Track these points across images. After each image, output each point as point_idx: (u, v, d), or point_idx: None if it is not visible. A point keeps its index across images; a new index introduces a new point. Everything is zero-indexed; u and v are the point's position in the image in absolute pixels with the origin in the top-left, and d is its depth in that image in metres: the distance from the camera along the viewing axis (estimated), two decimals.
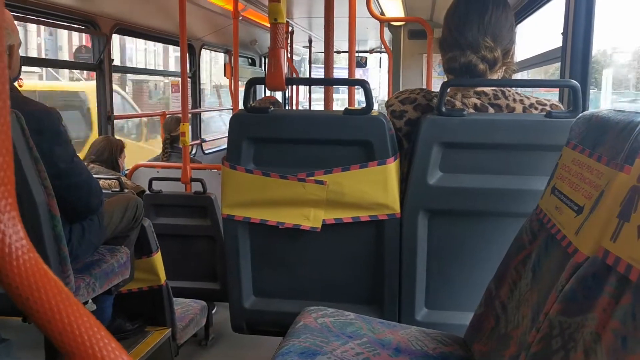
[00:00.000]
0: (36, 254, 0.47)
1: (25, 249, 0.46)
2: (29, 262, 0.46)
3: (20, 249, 0.46)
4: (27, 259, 0.46)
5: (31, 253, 0.47)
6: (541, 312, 0.96)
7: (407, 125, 1.71)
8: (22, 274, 0.46)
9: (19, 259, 0.46)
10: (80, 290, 1.95)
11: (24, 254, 0.46)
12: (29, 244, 0.47)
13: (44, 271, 0.47)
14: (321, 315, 1.45)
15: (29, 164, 1.65)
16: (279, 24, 1.67)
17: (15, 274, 0.45)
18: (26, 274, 0.46)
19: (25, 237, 0.47)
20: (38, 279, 0.46)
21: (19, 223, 0.47)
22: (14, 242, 0.46)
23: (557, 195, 1.13)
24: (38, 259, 0.47)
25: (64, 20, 3.87)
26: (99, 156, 3.64)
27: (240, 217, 1.70)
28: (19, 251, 0.46)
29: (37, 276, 0.46)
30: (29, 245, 0.47)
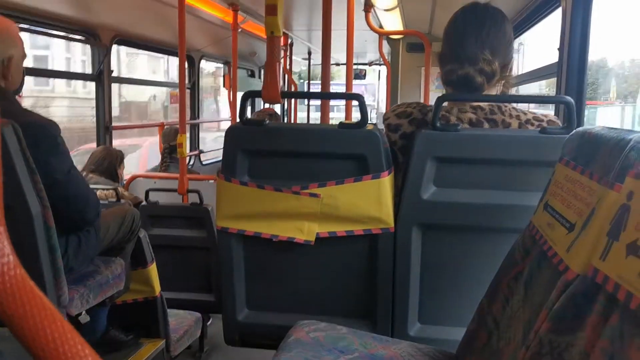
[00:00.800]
0: (22, 270, 0.47)
1: (12, 264, 0.46)
2: (15, 279, 0.46)
3: (6, 264, 0.46)
4: (12, 275, 0.46)
5: (17, 269, 0.47)
6: (532, 330, 0.96)
7: (402, 139, 1.72)
8: (7, 290, 0.46)
9: (5, 275, 0.46)
10: (74, 302, 1.95)
11: (9, 269, 0.46)
12: (15, 260, 0.47)
13: (30, 288, 0.47)
14: (313, 330, 1.45)
15: (25, 174, 1.65)
16: (276, 37, 1.69)
17: (0, 290, 0.45)
18: (12, 290, 0.46)
19: (12, 253, 0.47)
20: (23, 295, 0.46)
21: (6, 239, 0.47)
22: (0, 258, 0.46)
23: (549, 211, 1.14)
24: (24, 275, 0.47)
25: (64, 31, 3.89)
26: (98, 166, 3.65)
27: (234, 229, 1.70)
28: (4, 267, 0.46)
29: (22, 293, 0.46)
30: (15, 262, 0.47)
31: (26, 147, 1.66)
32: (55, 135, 1.87)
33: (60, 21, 3.71)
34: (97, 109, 4.24)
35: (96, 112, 4.26)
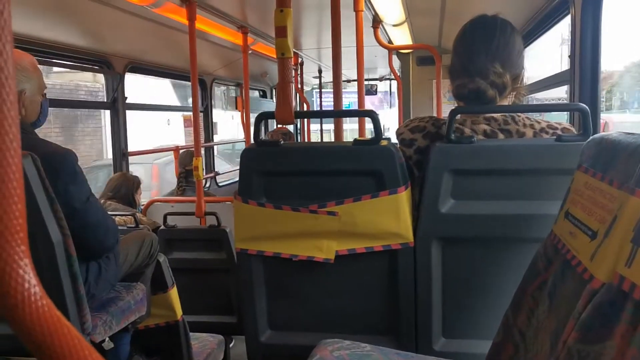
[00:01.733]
0: (49, 300, 0.47)
1: (38, 295, 0.47)
2: (42, 309, 0.47)
3: (33, 295, 0.46)
4: (39, 305, 0.47)
5: (44, 300, 0.47)
6: (559, 340, 0.95)
7: (417, 154, 1.71)
8: (34, 321, 0.46)
9: (32, 305, 0.46)
10: (98, 329, 1.95)
11: (37, 300, 0.46)
12: (41, 290, 0.47)
13: (57, 317, 0.47)
14: (337, 348, 1.44)
15: (45, 204, 1.67)
16: (287, 58, 1.70)
17: (28, 321, 0.46)
18: (39, 320, 0.46)
19: (38, 284, 0.47)
20: (51, 325, 0.47)
21: (32, 270, 0.47)
22: (26, 290, 0.46)
23: (570, 220, 1.12)
24: (51, 306, 0.47)
25: (78, 61, 3.96)
26: (115, 193, 3.68)
27: (253, 250, 1.70)
28: (32, 298, 0.46)
29: (49, 323, 0.47)
30: (41, 292, 0.47)
31: (45, 177, 1.68)
32: (74, 164, 1.90)
33: (75, 52, 3.77)
34: (113, 136, 4.30)
35: (112, 139, 4.31)
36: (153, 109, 6.60)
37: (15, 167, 0.46)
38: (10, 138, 0.46)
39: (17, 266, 0.46)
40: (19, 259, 0.47)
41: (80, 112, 8.58)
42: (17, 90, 2.01)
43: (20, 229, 0.47)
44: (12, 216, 0.46)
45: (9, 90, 0.46)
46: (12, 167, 0.46)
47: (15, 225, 0.47)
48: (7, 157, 0.46)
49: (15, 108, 0.47)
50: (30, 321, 0.46)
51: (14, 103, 0.47)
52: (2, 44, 0.45)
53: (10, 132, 0.46)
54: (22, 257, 0.47)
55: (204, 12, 3.60)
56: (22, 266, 0.47)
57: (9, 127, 0.46)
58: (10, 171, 0.46)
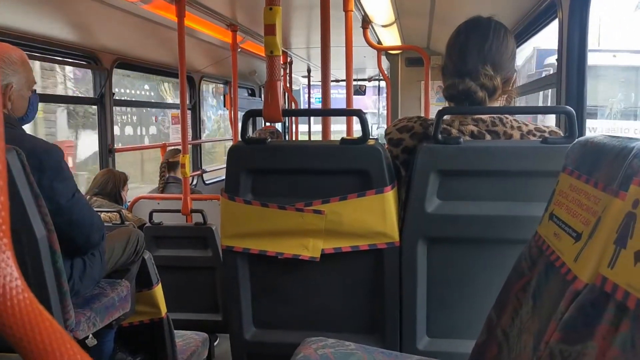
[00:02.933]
0: (31, 294, 0.47)
1: (20, 289, 0.46)
2: (24, 302, 0.46)
3: (14, 289, 0.46)
4: (21, 299, 0.46)
5: (26, 293, 0.47)
6: (542, 341, 0.96)
7: (404, 154, 1.72)
8: (16, 315, 0.46)
9: (13, 299, 0.46)
10: (81, 325, 1.94)
11: (18, 294, 0.46)
12: (23, 284, 0.47)
13: (39, 311, 0.47)
14: (321, 346, 1.44)
15: (29, 199, 1.65)
16: (275, 56, 1.70)
17: (9, 314, 0.45)
18: (20, 314, 0.46)
19: (20, 277, 0.47)
20: (32, 319, 0.46)
21: (14, 263, 0.47)
22: (8, 283, 0.46)
23: (555, 221, 1.13)
24: (33, 299, 0.47)
25: (66, 56, 3.92)
26: (102, 189, 3.66)
27: (239, 248, 1.70)
28: (13, 291, 0.46)
29: (31, 316, 0.46)
30: (23, 286, 0.47)
31: (30, 172, 1.66)
32: (59, 160, 1.88)
33: (62, 47, 3.74)
34: (100, 132, 4.27)
35: (98, 134, 4.28)
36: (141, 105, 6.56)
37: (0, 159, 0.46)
38: None
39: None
40: (1, 252, 0.46)
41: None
42: (2, 84, 1.98)
43: (2, 221, 0.47)
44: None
45: None
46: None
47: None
48: None
49: None
50: (12, 314, 0.46)
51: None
52: None
53: None
54: (4, 250, 0.47)
55: (194, 10, 3.59)
56: (3, 259, 0.46)
57: None
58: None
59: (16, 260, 0.47)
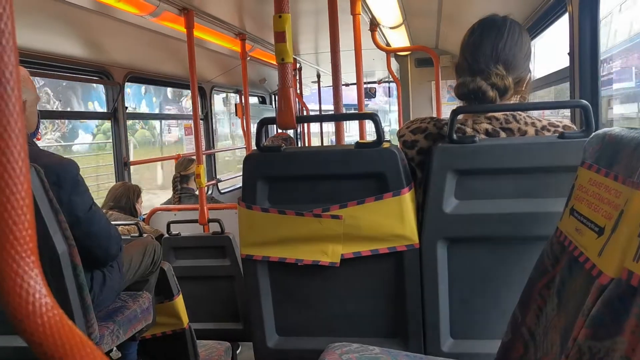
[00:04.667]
0: (60, 311, 0.47)
1: (50, 306, 0.47)
2: (54, 320, 0.46)
3: (44, 306, 0.46)
4: (51, 316, 0.46)
5: (55, 310, 0.47)
6: (569, 338, 0.95)
7: (420, 155, 1.71)
8: (46, 332, 0.46)
9: (43, 316, 0.46)
10: (105, 339, 1.95)
11: (48, 310, 0.46)
12: (52, 301, 0.47)
13: (69, 327, 0.47)
14: (345, 352, 1.43)
15: (49, 215, 1.67)
16: (287, 63, 1.70)
17: (40, 332, 0.46)
18: (51, 331, 0.46)
19: (49, 295, 0.47)
20: (63, 335, 0.46)
21: (43, 281, 0.47)
22: (37, 300, 0.46)
23: (576, 216, 1.12)
24: (62, 316, 0.47)
25: (78, 72, 3.97)
26: (117, 202, 3.68)
27: (259, 256, 1.70)
28: (43, 308, 0.46)
29: (62, 333, 0.46)
30: (53, 302, 0.47)
31: (49, 188, 1.68)
32: (76, 173, 1.90)
33: (75, 63, 3.78)
34: (114, 146, 4.30)
35: (113, 148, 4.31)
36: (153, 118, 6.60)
37: (23, 177, 0.46)
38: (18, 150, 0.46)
39: (28, 277, 0.46)
40: (29, 270, 0.47)
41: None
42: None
43: (29, 239, 0.47)
44: (21, 227, 0.46)
45: (15, 102, 0.46)
46: (20, 178, 0.46)
47: (24, 236, 0.47)
48: (15, 168, 0.46)
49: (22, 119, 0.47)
50: (43, 332, 0.46)
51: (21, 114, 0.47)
52: (7, 56, 0.45)
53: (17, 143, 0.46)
54: (32, 268, 0.47)
55: (202, 20, 3.61)
56: (32, 277, 0.47)
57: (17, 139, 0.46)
58: (18, 182, 0.46)
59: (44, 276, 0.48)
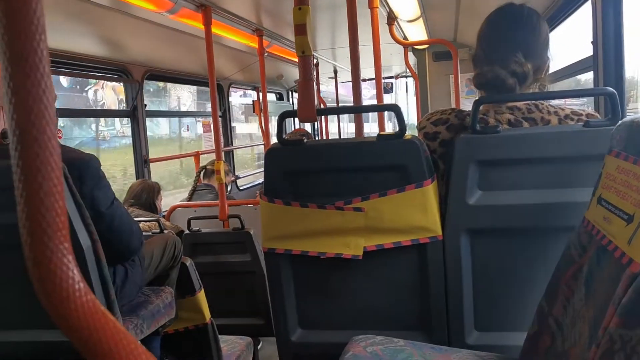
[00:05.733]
0: (93, 296, 0.47)
1: (83, 291, 0.47)
2: (87, 305, 0.46)
3: (77, 291, 0.46)
4: (84, 301, 0.47)
5: (89, 295, 0.47)
6: (599, 327, 0.93)
7: (442, 147, 1.70)
8: (80, 317, 0.46)
9: (77, 301, 0.46)
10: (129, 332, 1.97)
11: (82, 296, 0.46)
12: (85, 286, 0.47)
13: (102, 312, 0.47)
14: (370, 344, 1.43)
15: (73, 210, 1.68)
16: (307, 56, 1.70)
17: (74, 317, 0.46)
18: (84, 316, 0.46)
19: (82, 280, 0.47)
20: (97, 320, 0.46)
21: (76, 266, 0.47)
22: (70, 286, 0.46)
23: (604, 205, 1.10)
24: (95, 301, 0.47)
25: (97, 71, 4.00)
26: (137, 199, 3.71)
27: (281, 249, 1.70)
28: (76, 293, 0.46)
29: (95, 317, 0.46)
30: (86, 288, 0.47)
31: (72, 183, 1.70)
32: (98, 168, 1.91)
33: (94, 62, 3.82)
34: (134, 143, 4.33)
35: (133, 146, 4.35)
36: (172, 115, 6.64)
37: (55, 164, 0.46)
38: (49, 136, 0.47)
39: (62, 263, 0.47)
40: (63, 256, 0.47)
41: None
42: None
43: (62, 226, 0.48)
44: (54, 213, 0.47)
45: (48, 95, 0.47)
46: (52, 165, 0.46)
47: (57, 222, 0.47)
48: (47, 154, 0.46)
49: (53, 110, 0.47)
50: (77, 317, 0.46)
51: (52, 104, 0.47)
52: (40, 51, 0.46)
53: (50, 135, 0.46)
54: (66, 254, 0.47)
55: (220, 17, 3.62)
56: (66, 263, 0.47)
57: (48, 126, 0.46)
58: (50, 169, 0.46)
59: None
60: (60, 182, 0.47)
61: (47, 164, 0.46)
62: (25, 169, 0.45)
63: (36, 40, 0.45)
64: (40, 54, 0.46)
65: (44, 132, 0.46)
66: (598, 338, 0.91)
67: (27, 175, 0.45)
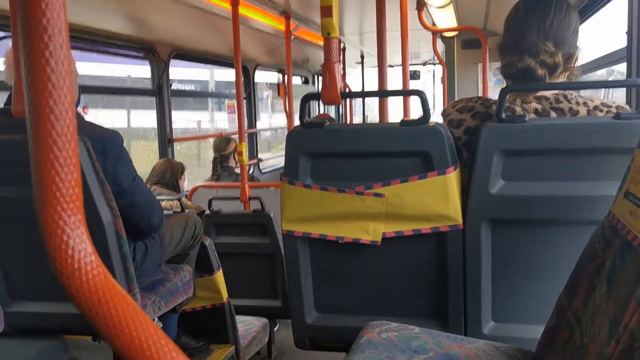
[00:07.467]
0: (105, 269, 0.47)
1: (95, 264, 0.47)
2: (98, 277, 0.46)
3: (89, 264, 0.46)
4: (96, 274, 0.46)
5: (100, 268, 0.47)
6: (620, 323, 0.91)
7: (466, 134, 1.67)
8: (91, 289, 0.46)
9: (88, 274, 0.46)
10: (147, 309, 1.99)
11: (93, 269, 0.46)
12: (97, 259, 0.47)
13: (112, 285, 0.47)
14: (385, 330, 1.43)
15: (96, 186, 1.70)
16: (333, 38, 1.68)
17: (84, 288, 0.46)
18: (95, 288, 0.46)
19: (94, 253, 0.47)
20: (107, 292, 0.46)
21: (88, 239, 0.47)
22: (82, 258, 0.46)
23: (631, 199, 1.08)
24: (107, 274, 0.47)
25: (125, 49, 4.02)
26: (160, 178, 3.74)
27: (299, 232, 1.69)
28: (87, 266, 0.46)
29: (105, 290, 0.46)
30: (97, 261, 0.47)
31: (95, 159, 1.71)
32: (120, 144, 1.93)
33: (121, 40, 3.84)
34: (159, 123, 4.36)
35: (157, 125, 4.37)
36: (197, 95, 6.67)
37: (70, 136, 0.46)
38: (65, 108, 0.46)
39: (74, 234, 0.46)
40: (75, 228, 0.47)
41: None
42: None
43: (75, 197, 0.47)
44: (67, 185, 0.46)
45: (64, 75, 0.46)
46: (67, 137, 0.46)
47: (71, 194, 0.47)
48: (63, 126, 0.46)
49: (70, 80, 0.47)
50: (88, 289, 0.46)
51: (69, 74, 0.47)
52: (58, 29, 0.45)
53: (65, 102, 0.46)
54: (78, 226, 0.47)
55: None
56: (78, 235, 0.47)
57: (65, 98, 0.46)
58: (66, 140, 0.46)
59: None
60: (76, 154, 0.47)
61: (63, 135, 0.45)
62: (40, 140, 0.45)
63: (50, 12, 0.44)
64: (57, 26, 0.45)
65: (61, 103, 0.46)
66: (618, 334, 0.89)
67: (42, 146, 0.45)
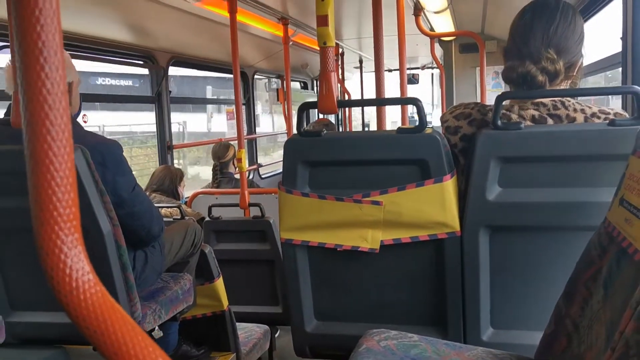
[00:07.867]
0: (102, 288, 0.48)
1: (92, 282, 0.47)
2: (96, 296, 0.47)
3: (87, 282, 0.47)
4: (93, 292, 0.47)
5: (97, 287, 0.48)
6: (616, 331, 0.92)
7: (463, 141, 1.68)
8: (89, 308, 0.47)
9: (86, 292, 0.47)
10: (147, 318, 2.00)
11: (90, 287, 0.47)
12: (95, 278, 0.48)
13: (111, 304, 0.48)
14: (384, 338, 1.43)
15: (95, 196, 1.71)
16: (329, 47, 1.69)
17: (82, 307, 0.46)
18: (93, 307, 0.47)
19: (92, 272, 0.48)
20: (105, 311, 0.47)
21: (85, 258, 0.48)
22: (80, 277, 0.47)
23: (625, 206, 1.08)
24: (104, 292, 0.48)
25: (123, 56, 4.03)
26: (159, 185, 3.74)
27: (298, 240, 1.70)
28: (85, 285, 0.47)
29: (103, 309, 0.47)
30: (95, 279, 0.48)
31: (95, 169, 1.72)
32: (120, 154, 1.94)
33: (119, 47, 3.85)
34: (158, 130, 4.37)
35: (157, 132, 4.38)
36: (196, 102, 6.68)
37: (67, 156, 0.46)
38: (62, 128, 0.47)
39: (71, 254, 0.47)
40: (73, 247, 0.47)
41: None
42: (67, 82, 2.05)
43: (73, 217, 0.48)
44: (65, 204, 0.47)
45: (59, 80, 0.46)
46: (64, 157, 0.46)
47: (68, 213, 0.47)
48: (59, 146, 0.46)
49: (65, 99, 0.47)
50: (85, 308, 0.47)
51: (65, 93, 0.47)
52: (52, 35, 0.46)
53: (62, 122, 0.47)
54: (76, 245, 0.48)
55: (245, 5, 3.62)
56: (76, 254, 0.47)
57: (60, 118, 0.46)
58: (62, 160, 0.46)
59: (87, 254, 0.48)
60: (72, 173, 0.47)
61: (59, 154, 0.46)
62: (37, 161, 0.46)
63: (44, 18, 0.45)
64: (51, 32, 0.45)
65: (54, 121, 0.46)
66: (614, 342, 0.90)
67: (38, 167, 0.46)
